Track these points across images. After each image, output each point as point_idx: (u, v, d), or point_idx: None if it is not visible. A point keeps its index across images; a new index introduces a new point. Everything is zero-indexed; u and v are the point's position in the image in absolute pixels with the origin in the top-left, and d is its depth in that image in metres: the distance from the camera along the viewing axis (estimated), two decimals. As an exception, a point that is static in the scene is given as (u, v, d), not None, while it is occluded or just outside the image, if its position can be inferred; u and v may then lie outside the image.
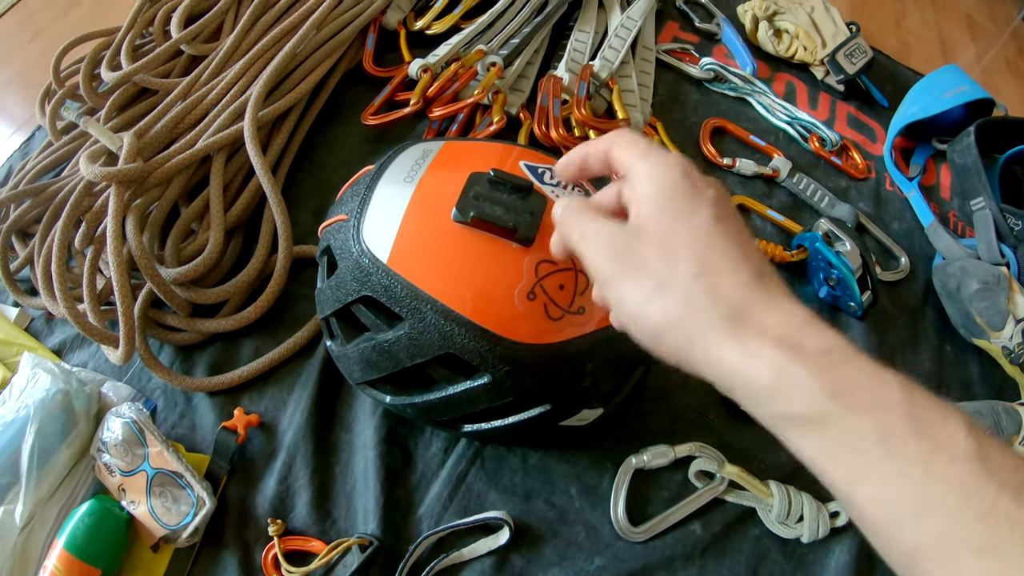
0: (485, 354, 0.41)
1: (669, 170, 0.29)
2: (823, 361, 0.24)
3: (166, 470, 0.50)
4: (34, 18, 1.03)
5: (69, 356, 0.62)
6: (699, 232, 0.28)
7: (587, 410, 0.47)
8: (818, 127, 0.83)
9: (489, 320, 0.41)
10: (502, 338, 0.41)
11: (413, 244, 0.42)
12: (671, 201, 0.29)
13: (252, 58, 0.67)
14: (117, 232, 0.54)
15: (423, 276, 0.41)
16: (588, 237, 0.31)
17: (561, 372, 0.43)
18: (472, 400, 0.44)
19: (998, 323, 0.65)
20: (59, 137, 0.73)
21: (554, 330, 0.42)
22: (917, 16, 1.19)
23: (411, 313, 0.41)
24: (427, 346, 0.42)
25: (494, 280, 0.41)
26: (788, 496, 0.53)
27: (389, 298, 0.42)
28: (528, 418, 0.45)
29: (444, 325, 0.40)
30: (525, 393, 0.44)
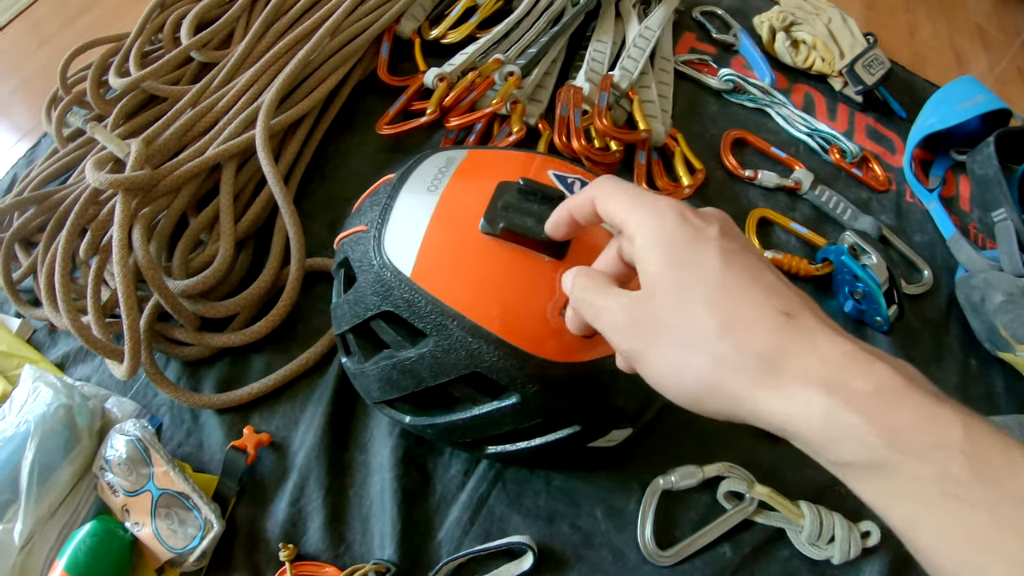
0: (515, 373, 0.39)
1: (663, 220, 0.28)
2: (874, 403, 0.23)
3: (172, 491, 0.49)
4: (41, 25, 1.03)
5: (72, 370, 0.60)
6: (711, 282, 0.26)
7: (617, 430, 0.46)
8: (838, 138, 0.83)
9: (519, 337, 0.39)
10: (533, 356, 0.39)
11: (438, 256, 0.41)
12: (673, 253, 0.27)
13: (264, 65, 0.66)
14: (123, 241, 0.53)
15: (449, 290, 0.40)
16: (602, 314, 0.30)
17: (593, 391, 0.42)
18: (498, 421, 0.42)
19: (1023, 336, 0.64)
20: (65, 144, 0.73)
21: (587, 348, 0.40)
22: (929, 27, 1.19)
23: (436, 329, 0.39)
24: (452, 364, 0.40)
25: (525, 295, 0.40)
26: (820, 516, 0.52)
27: (412, 313, 0.40)
28: (557, 439, 0.44)
29: (471, 342, 0.39)
30: (554, 413, 0.42)
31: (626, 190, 0.30)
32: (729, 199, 0.77)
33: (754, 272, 0.27)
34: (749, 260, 0.27)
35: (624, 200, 0.30)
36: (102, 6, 1.05)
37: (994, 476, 0.21)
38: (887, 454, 0.23)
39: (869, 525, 0.53)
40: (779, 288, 0.27)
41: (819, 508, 0.52)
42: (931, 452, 0.22)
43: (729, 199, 0.77)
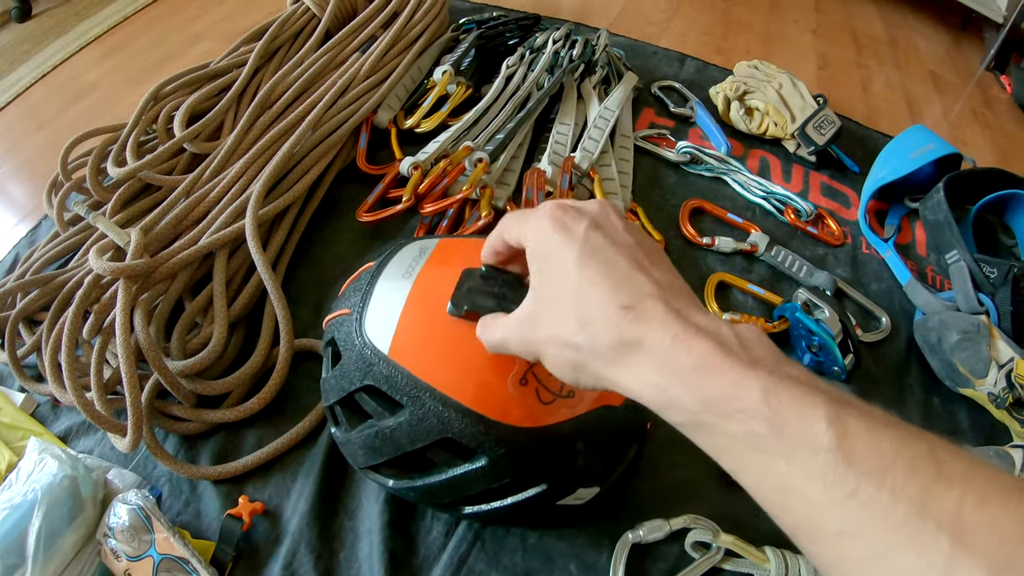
0: (481, 438, 0.43)
1: (539, 228, 0.33)
2: (693, 378, 0.27)
3: (172, 556, 0.50)
4: (38, 110, 1.07)
5: (75, 442, 0.62)
6: (570, 286, 0.31)
7: (583, 489, 0.49)
8: (792, 199, 0.86)
9: (484, 405, 0.42)
10: (496, 422, 0.42)
11: (412, 336, 0.45)
12: (545, 260, 0.33)
13: (252, 157, 0.70)
14: (126, 325, 0.56)
15: (422, 365, 0.43)
16: (502, 344, 0.36)
17: (555, 453, 0.45)
18: (471, 482, 0.45)
19: (981, 371, 0.67)
20: (66, 228, 0.76)
21: (546, 413, 0.43)
22: (883, 79, 1.24)
23: (411, 400, 0.43)
24: (426, 431, 0.43)
25: (488, 368, 0.43)
26: (785, 560, 0.54)
27: (390, 387, 0.44)
28: (526, 498, 0.47)
29: (442, 411, 0.42)
30: (522, 474, 0.45)
31: (521, 214, 0.36)
32: (688, 266, 0.80)
33: (608, 268, 0.31)
34: (607, 255, 0.31)
35: (517, 222, 0.36)
36: (97, 92, 1.09)
37: (790, 432, 0.25)
38: (705, 418, 0.27)
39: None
40: (627, 281, 0.31)
41: (784, 552, 0.54)
42: (736, 415, 0.26)
43: (688, 266, 0.80)
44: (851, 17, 1.44)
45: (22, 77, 1.13)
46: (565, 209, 0.34)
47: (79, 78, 1.13)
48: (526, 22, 1.10)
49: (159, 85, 0.84)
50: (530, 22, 1.11)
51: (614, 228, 0.33)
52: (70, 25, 1.27)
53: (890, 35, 1.40)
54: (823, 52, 1.28)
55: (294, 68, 0.87)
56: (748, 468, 0.27)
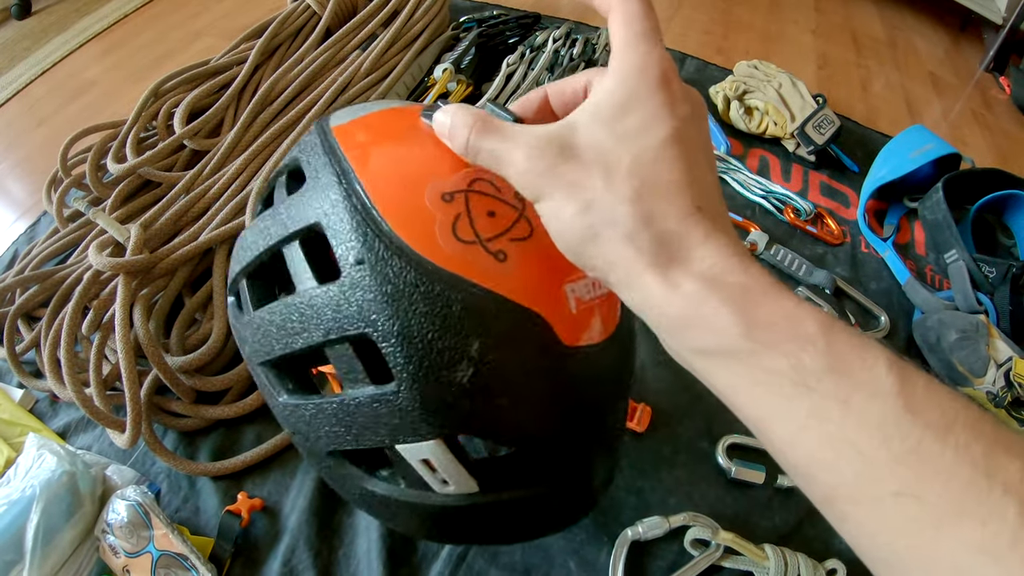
0: (350, 232, 0.31)
1: (644, 75, 0.26)
2: (741, 297, 0.23)
3: (171, 552, 0.50)
4: (38, 106, 1.07)
5: (73, 438, 0.62)
6: (646, 151, 0.25)
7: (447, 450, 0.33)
8: (792, 198, 0.86)
9: (379, 193, 0.31)
10: (379, 219, 0.31)
11: (367, 126, 0.36)
12: (630, 112, 0.26)
13: (252, 154, 0.70)
14: (125, 320, 0.56)
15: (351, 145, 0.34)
16: (504, 156, 0.28)
17: (428, 319, 0.30)
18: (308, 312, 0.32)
19: (980, 369, 0.67)
20: (65, 224, 0.76)
21: (453, 255, 0.30)
22: (882, 79, 1.24)
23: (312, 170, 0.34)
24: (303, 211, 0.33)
25: (417, 163, 0.33)
26: (784, 558, 0.54)
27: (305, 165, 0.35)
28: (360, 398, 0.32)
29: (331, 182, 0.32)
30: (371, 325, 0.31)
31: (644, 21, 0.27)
32: None
33: (691, 163, 0.26)
34: (696, 150, 0.26)
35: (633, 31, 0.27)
36: (97, 89, 1.09)
37: (847, 369, 0.21)
38: (744, 344, 0.23)
39: (835, 563, 0.55)
40: (705, 185, 0.26)
41: (783, 550, 0.54)
42: (785, 344, 0.22)
43: None
44: (851, 17, 1.44)
45: (22, 74, 1.13)
46: (677, 78, 0.27)
47: (79, 75, 1.13)
48: (526, 20, 1.10)
49: (159, 82, 0.84)
50: (530, 20, 1.11)
51: (705, 134, 0.28)
52: (70, 22, 1.27)
53: (889, 36, 1.41)
54: (823, 52, 1.28)
55: (294, 65, 0.87)
56: (786, 411, 0.23)
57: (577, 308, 0.33)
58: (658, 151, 0.25)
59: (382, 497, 0.37)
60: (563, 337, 0.32)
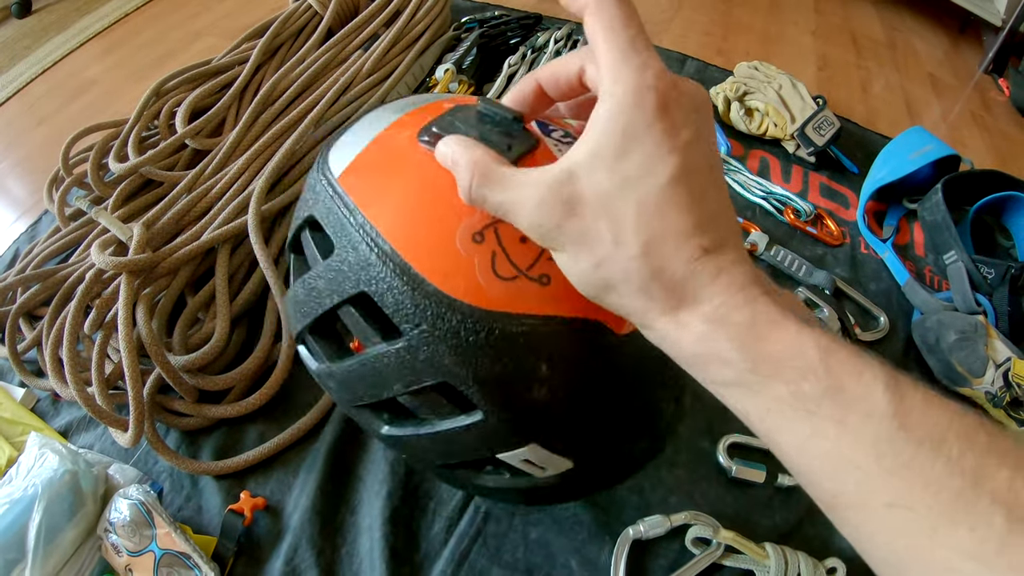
0: (400, 298, 0.31)
1: (641, 103, 0.25)
2: (746, 333, 0.25)
3: (174, 551, 0.51)
4: (38, 105, 1.07)
5: (75, 437, 0.62)
6: (650, 197, 0.25)
7: (541, 449, 0.36)
8: (792, 199, 0.87)
9: (413, 251, 0.31)
10: (422, 279, 0.31)
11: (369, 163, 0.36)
12: (630, 151, 0.25)
13: (254, 154, 0.70)
14: (128, 319, 0.56)
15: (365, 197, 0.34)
16: (511, 208, 0.28)
17: (500, 361, 0.32)
18: (382, 369, 0.34)
19: (979, 370, 0.67)
20: (67, 223, 0.76)
21: (501, 294, 0.31)
22: (882, 81, 1.24)
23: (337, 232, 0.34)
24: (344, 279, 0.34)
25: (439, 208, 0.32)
26: (784, 557, 0.54)
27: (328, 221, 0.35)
28: (452, 429, 0.35)
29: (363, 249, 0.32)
30: (447, 376, 0.32)
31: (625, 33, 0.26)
32: None
33: (697, 197, 0.25)
34: (701, 183, 0.26)
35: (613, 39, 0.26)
36: (98, 88, 1.09)
37: (844, 393, 0.23)
38: (750, 377, 0.25)
39: (835, 562, 0.55)
40: (714, 217, 0.26)
41: (784, 549, 0.54)
42: (787, 373, 0.24)
43: None
44: (850, 19, 1.45)
45: (22, 73, 1.13)
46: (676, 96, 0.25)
47: (79, 74, 1.13)
48: (528, 21, 1.11)
49: (161, 81, 0.84)
50: (532, 21, 1.11)
51: (711, 147, 0.27)
52: (71, 21, 1.27)
53: (889, 37, 1.41)
54: (823, 53, 1.29)
55: (296, 65, 0.87)
56: (790, 432, 0.24)
57: None
58: (661, 195, 0.25)
59: (493, 488, 0.42)
60: (614, 328, 0.34)
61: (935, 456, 0.21)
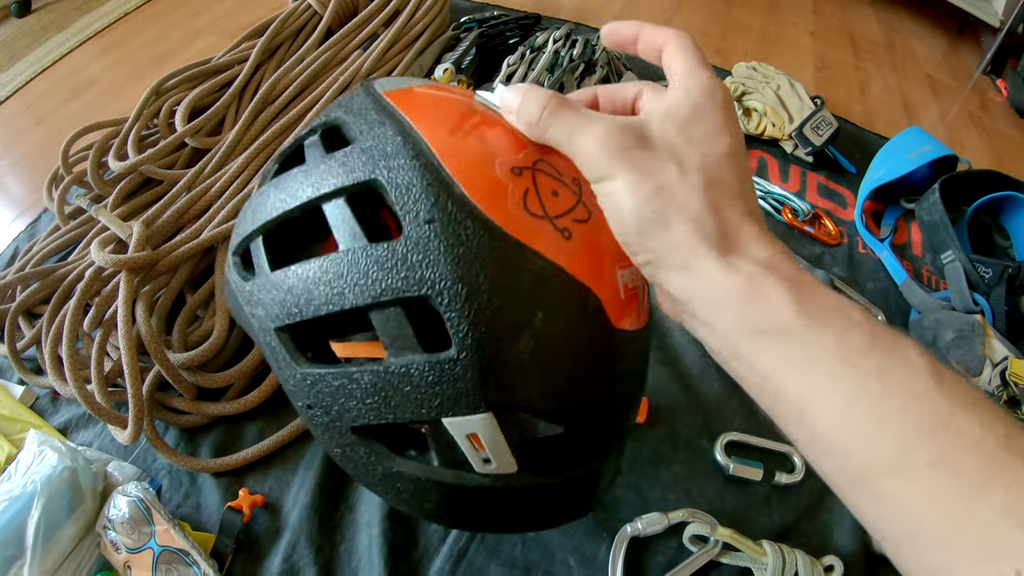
0: (417, 191, 0.30)
1: (712, 95, 0.29)
2: (795, 282, 0.26)
3: (172, 548, 0.51)
4: (37, 104, 1.07)
5: (74, 435, 0.62)
6: (712, 156, 0.28)
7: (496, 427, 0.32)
8: (790, 199, 0.87)
9: (450, 159, 0.31)
10: (455, 184, 0.30)
11: (421, 95, 0.35)
12: (699, 122, 0.29)
13: (253, 152, 0.70)
14: (128, 317, 0.57)
15: (412, 110, 0.33)
16: (577, 134, 0.29)
17: (499, 285, 0.30)
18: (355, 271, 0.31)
19: (976, 368, 0.67)
20: (66, 221, 0.76)
21: (524, 225, 0.31)
22: (880, 82, 1.25)
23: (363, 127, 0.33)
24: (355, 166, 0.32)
25: (485, 138, 0.32)
26: (782, 554, 0.54)
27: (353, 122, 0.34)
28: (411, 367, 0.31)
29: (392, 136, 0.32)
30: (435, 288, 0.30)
31: (699, 52, 0.31)
32: None
33: (744, 176, 0.29)
34: (745, 168, 0.29)
35: (695, 60, 0.30)
36: (97, 87, 1.09)
37: (888, 348, 0.24)
38: (797, 321, 0.25)
39: (832, 559, 0.55)
40: (751, 192, 0.29)
41: (781, 546, 0.55)
42: (835, 322, 0.24)
43: None
44: (849, 20, 1.45)
45: (22, 72, 1.13)
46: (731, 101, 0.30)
47: (79, 73, 1.13)
48: (527, 21, 1.11)
49: (161, 80, 0.84)
50: (531, 21, 1.12)
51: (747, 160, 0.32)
52: (70, 20, 1.27)
53: (887, 38, 1.41)
54: (821, 54, 1.29)
55: (295, 65, 0.87)
56: (833, 387, 0.24)
57: (625, 294, 0.34)
58: (722, 158, 0.28)
59: (409, 476, 0.35)
60: (612, 319, 0.33)
61: (971, 418, 0.22)
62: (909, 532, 0.23)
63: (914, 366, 0.23)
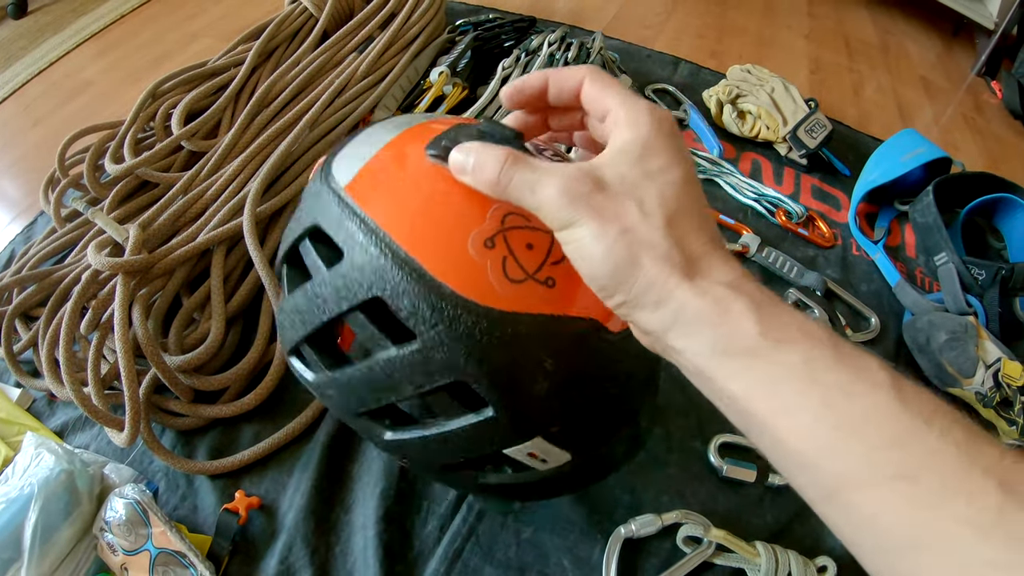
0: (417, 301, 0.33)
1: (655, 124, 0.30)
2: (759, 303, 0.26)
3: (169, 550, 0.51)
4: (33, 106, 1.07)
5: (71, 437, 0.63)
6: (669, 187, 0.29)
7: (544, 442, 0.38)
8: (784, 201, 0.87)
9: (428, 257, 0.33)
10: (439, 284, 0.33)
11: (374, 176, 0.37)
12: (650, 156, 0.29)
13: (249, 156, 0.71)
14: (124, 320, 0.57)
15: (376, 208, 0.35)
16: (538, 186, 0.29)
17: (507, 359, 0.34)
18: (397, 369, 0.35)
19: (969, 370, 0.68)
20: (63, 224, 0.76)
21: (510, 295, 0.33)
22: (874, 83, 1.25)
23: (347, 240, 0.35)
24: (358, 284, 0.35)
25: (449, 216, 0.34)
26: (775, 555, 0.54)
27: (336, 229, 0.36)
28: (462, 427, 0.37)
29: (376, 255, 0.34)
30: (461, 374, 0.34)
31: (619, 84, 0.31)
32: None
33: (702, 203, 0.30)
34: (698, 190, 0.30)
35: (619, 94, 0.31)
36: (93, 89, 1.09)
37: (852, 364, 0.25)
38: (763, 342, 0.26)
39: (825, 560, 0.55)
40: (709, 220, 0.30)
41: (774, 547, 0.55)
42: (799, 341, 0.25)
43: None
44: (843, 22, 1.45)
45: (18, 73, 1.13)
46: (676, 127, 0.31)
47: (75, 75, 1.13)
48: (522, 24, 1.11)
49: (157, 83, 0.84)
50: (526, 24, 1.12)
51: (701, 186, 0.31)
52: (67, 22, 1.27)
53: (882, 40, 1.42)
54: (815, 57, 1.30)
55: (291, 67, 0.87)
56: (800, 404, 0.25)
57: None
58: (679, 188, 0.29)
59: (495, 484, 0.43)
60: (610, 327, 0.36)
61: (929, 427, 0.23)
62: (880, 545, 0.24)
63: (876, 380, 0.24)
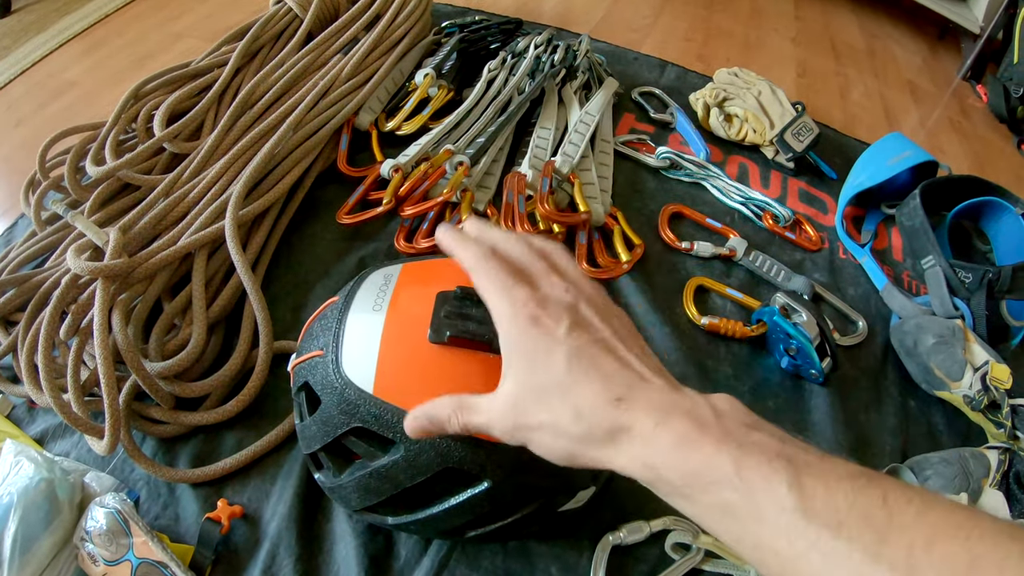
0: (483, 462, 0.42)
1: (516, 323, 0.34)
2: (676, 454, 0.30)
3: (151, 560, 0.50)
4: (16, 106, 1.06)
5: (51, 445, 0.62)
6: (560, 382, 0.33)
7: (582, 491, 0.49)
8: (771, 205, 0.87)
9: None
10: (495, 445, 0.40)
11: (395, 370, 0.44)
12: (527, 354, 0.34)
13: (232, 158, 0.70)
14: (104, 325, 0.56)
15: (410, 399, 0.41)
16: (488, 421, 0.35)
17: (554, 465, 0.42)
18: (474, 507, 0.45)
19: (956, 373, 0.68)
20: (43, 227, 0.75)
21: None
22: (861, 87, 1.26)
23: (404, 436, 0.41)
24: (425, 465, 0.43)
25: (478, 392, 0.40)
26: (762, 562, 0.55)
27: (380, 425, 0.43)
28: (530, 512, 0.46)
29: (439, 442, 0.42)
30: (524, 491, 0.45)
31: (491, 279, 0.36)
32: (667, 270, 0.80)
33: (595, 364, 0.33)
34: (592, 352, 0.33)
35: (490, 291, 0.36)
36: (77, 90, 1.08)
37: (756, 498, 0.28)
38: (687, 491, 0.30)
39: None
40: (615, 375, 0.33)
41: (762, 554, 0.55)
42: (712, 487, 0.29)
43: (667, 270, 0.80)
44: (830, 26, 1.46)
45: (1, 73, 1.12)
46: (539, 302, 0.34)
47: (59, 75, 1.12)
48: (508, 26, 1.11)
49: (139, 84, 0.83)
50: (512, 27, 1.12)
51: (590, 322, 0.35)
52: (50, 21, 1.26)
53: (868, 44, 1.43)
54: (802, 60, 1.30)
55: (276, 68, 0.87)
56: (727, 531, 0.30)
57: None
58: (565, 380, 0.33)
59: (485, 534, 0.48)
60: None
61: (836, 536, 0.26)
62: None
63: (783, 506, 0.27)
